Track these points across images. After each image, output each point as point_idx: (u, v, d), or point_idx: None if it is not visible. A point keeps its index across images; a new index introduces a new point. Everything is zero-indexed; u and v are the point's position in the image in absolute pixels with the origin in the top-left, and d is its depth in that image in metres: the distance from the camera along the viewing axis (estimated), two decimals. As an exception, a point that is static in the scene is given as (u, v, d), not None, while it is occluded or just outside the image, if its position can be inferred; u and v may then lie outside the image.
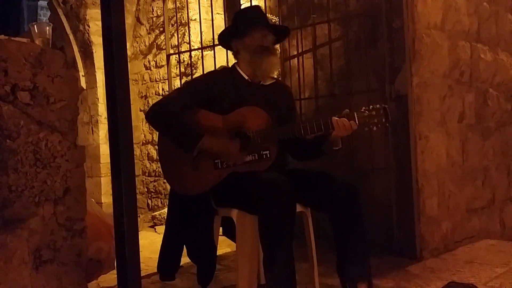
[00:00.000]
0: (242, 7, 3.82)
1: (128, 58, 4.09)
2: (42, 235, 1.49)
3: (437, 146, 2.93)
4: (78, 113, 1.69)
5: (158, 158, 2.23)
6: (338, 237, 2.05)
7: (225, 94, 2.16)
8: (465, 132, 3.19)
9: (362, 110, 2.03)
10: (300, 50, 3.30)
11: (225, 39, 2.30)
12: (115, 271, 1.70)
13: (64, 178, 1.57)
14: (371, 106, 2.03)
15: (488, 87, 3.46)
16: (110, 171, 1.65)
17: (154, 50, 5.42)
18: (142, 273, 1.64)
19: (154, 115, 2.14)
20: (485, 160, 3.38)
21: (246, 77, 2.22)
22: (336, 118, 2.01)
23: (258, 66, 2.17)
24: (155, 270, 2.27)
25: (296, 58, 3.36)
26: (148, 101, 5.48)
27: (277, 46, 3.39)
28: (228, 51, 2.46)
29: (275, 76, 2.46)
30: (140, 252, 1.64)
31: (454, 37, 3.12)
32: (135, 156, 1.74)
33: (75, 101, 1.68)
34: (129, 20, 5.46)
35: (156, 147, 2.26)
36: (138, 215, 2.80)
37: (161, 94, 5.27)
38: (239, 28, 2.22)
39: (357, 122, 2.00)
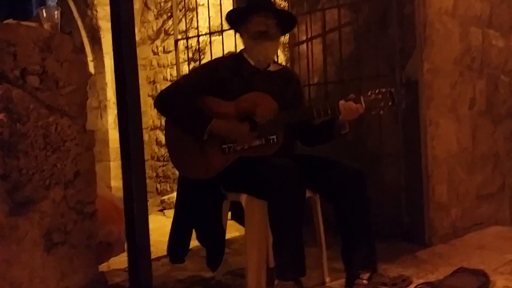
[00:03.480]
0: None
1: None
2: (53, 218, 1.51)
3: (447, 133, 2.91)
4: (87, 97, 1.69)
5: (165, 143, 2.24)
6: (343, 224, 2.06)
7: (232, 81, 2.15)
8: (476, 118, 3.16)
9: (369, 93, 2.03)
10: (309, 36, 3.27)
11: (233, 25, 2.29)
12: (125, 254, 1.72)
13: (74, 162, 1.59)
14: (377, 90, 2.02)
15: (499, 74, 3.41)
16: (119, 156, 1.66)
17: (162, 36, 5.40)
18: (152, 256, 1.66)
19: (162, 102, 2.15)
20: (495, 147, 3.35)
21: (253, 64, 2.21)
22: (342, 101, 2.01)
23: (254, 52, 2.17)
24: (165, 253, 2.29)
25: (305, 44, 3.33)
26: (156, 86, 5.48)
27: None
28: (237, 36, 2.45)
29: (283, 62, 2.45)
30: (150, 235, 1.65)
31: (466, 23, 3.07)
32: (143, 141, 1.75)
33: (84, 85, 1.68)
34: (136, 5, 5.44)
35: (164, 131, 2.26)
36: (147, 199, 2.82)
37: (169, 79, 5.26)
38: (239, 15, 2.21)
39: (363, 105, 2.00)
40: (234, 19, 2.25)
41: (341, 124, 2.08)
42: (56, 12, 1.86)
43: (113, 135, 5.52)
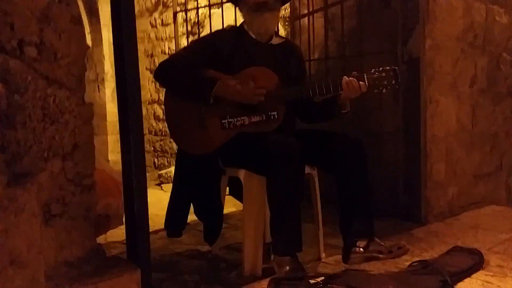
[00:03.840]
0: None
1: (135, 15, 4.01)
2: (51, 190, 1.50)
3: (447, 111, 2.90)
4: (85, 69, 1.67)
5: (164, 117, 2.21)
6: (343, 193, 2.07)
7: (233, 54, 2.12)
8: (476, 97, 3.15)
9: (372, 71, 2.01)
10: (310, 9, 3.22)
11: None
12: (123, 226, 1.73)
13: (73, 134, 1.57)
14: (381, 68, 2.01)
15: (501, 51, 3.38)
16: (116, 129, 1.65)
17: (160, 8, 5.32)
18: (149, 229, 1.67)
19: (163, 73, 2.11)
20: (494, 126, 3.35)
21: (254, 36, 2.18)
22: (345, 78, 1.99)
23: (254, 25, 2.13)
24: (162, 227, 2.31)
25: (306, 18, 3.28)
26: (154, 59, 5.42)
27: (287, 5, 3.33)
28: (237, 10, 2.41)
29: (284, 35, 2.42)
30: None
31: (470, -2, 3.03)
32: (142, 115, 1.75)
33: (82, 57, 1.66)
34: (135, -24, 5.34)
35: (163, 106, 2.24)
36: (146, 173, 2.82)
37: (167, 53, 5.20)
38: None
39: (366, 83, 1.98)
40: None
41: (342, 102, 2.06)
42: (53, -19, 1.81)
43: (111, 109, 5.48)
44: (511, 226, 2.62)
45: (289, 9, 3.51)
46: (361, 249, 2.02)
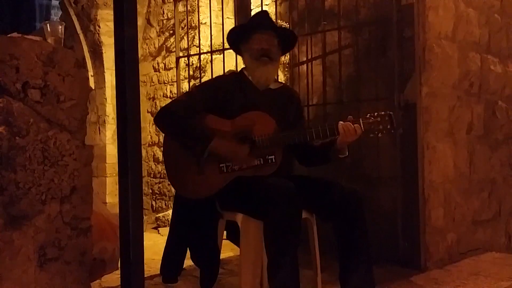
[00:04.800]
0: (252, 12, 3.83)
1: (137, 59, 4.10)
2: (48, 233, 1.49)
3: (445, 157, 2.91)
4: (87, 112, 1.69)
5: (163, 160, 2.23)
6: (341, 245, 2.04)
7: (233, 99, 2.16)
8: (473, 143, 3.18)
9: (368, 116, 2.04)
10: (309, 57, 3.30)
11: (235, 44, 2.31)
12: (118, 272, 1.70)
13: (72, 177, 1.58)
14: (376, 113, 2.04)
15: (497, 99, 3.44)
16: (115, 171, 1.66)
17: (163, 53, 5.44)
18: (145, 274, 1.64)
19: (163, 118, 2.14)
20: (492, 172, 3.36)
21: (254, 82, 2.23)
22: (341, 122, 2.02)
23: (254, 72, 2.19)
24: (158, 272, 2.27)
25: (305, 65, 3.35)
26: (156, 103, 5.49)
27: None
28: (238, 55, 2.47)
29: (283, 81, 2.47)
30: (144, 254, 1.64)
31: (465, 48, 3.11)
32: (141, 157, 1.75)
33: (85, 100, 1.69)
34: (139, 22, 5.49)
35: (162, 149, 2.25)
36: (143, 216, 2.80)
37: (169, 96, 5.28)
38: (245, 31, 2.23)
39: (362, 128, 2.01)
40: (236, 37, 2.27)
41: (340, 148, 2.08)
42: (60, 27, 1.87)
43: (111, 151, 5.50)
44: (511, 273, 2.58)
45: (288, 56, 3.59)
46: None
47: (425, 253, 2.73)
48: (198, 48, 4.03)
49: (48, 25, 1.86)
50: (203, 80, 3.87)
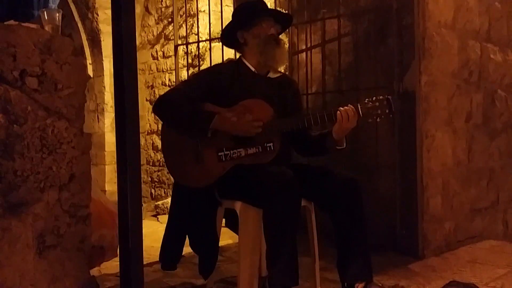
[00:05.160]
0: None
1: (136, 47, 4.09)
2: (46, 220, 1.50)
3: (443, 145, 2.92)
4: (85, 100, 1.69)
5: (161, 150, 2.23)
6: (339, 234, 2.05)
7: (231, 86, 2.15)
8: (472, 132, 3.18)
9: (366, 101, 2.03)
10: (308, 45, 3.29)
11: (230, 33, 2.27)
12: (117, 259, 1.72)
13: (70, 165, 1.58)
14: (374, 98, 2.02)
15: (496, 88, 3.44)
16: (114, 159, 1.66)
17: (162, 40, 5.42)
18: (144, 262, 1.65)
19: (162, 108, 2.13)
20: (490, 161, 3.36)
21: (253, 69, 2.21)
22: (340, 108, 2.01)
23: (271, 56, 2.16)
24: (157, 259, 2.28)
25: (304, 53, 3.34)
26: (154, 91, 5.49)
27: (285, 40, 3.40)
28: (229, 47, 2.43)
29: (282, 70, 2.46)
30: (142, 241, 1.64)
31: (464, 36, 3.10)
32: (140, 146, 1.76)
33: (82, 88, 1.68)
34: (138, 9, 5.45)
35: (160, 139, 2.25)
36: (142, 204, 2.81)
37: (167, 84, 5.27)
38: (245, 19, 2.20)
39: (360, 112, 2.00)
40: (238, 26, 2.23)
41: (337, 138, 2.08)
42: (57, 15, 1.86)
43: (109, 139, 5.51)
44: (508, 261, 2.60)
45: (287, 44, 3.57)
46: None
47: (423, 241, 2.75)
48: (196, 36, 4.02)
49: (45, 13, 1.85)
50: (202, 68, 3.86)
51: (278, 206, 1.88)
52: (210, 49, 3.64)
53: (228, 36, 2.29)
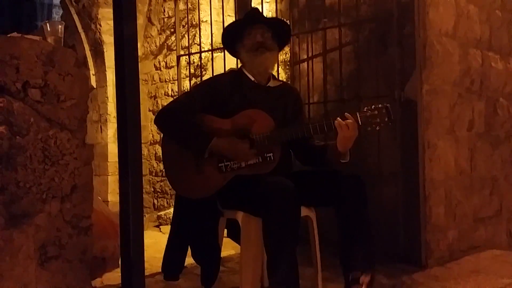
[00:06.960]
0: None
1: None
2: (48, 231, 1.50)
3: (446, 154, 2.91)
4: (87, 111, 1.70)
5: (162, 162, 2.24)
6: (342, 227, 2.04)
7: (232, 97, 2.17)
8: (474, 140, 3.17)
9: (365, 110, 2.04)
10: (310, 54, 3.30)
11: (230, 46, 2.31)
12: (119, 270, 1.71)
13: (72, 176, 1.59)
14: (373, 106, 2.03)
15: (498, 96, 3.44)
16: (117, 170, 1.66)
17: (164, 51, 5.44)
18: (146, 272, 1.65)
19: (163, 119, 2.15)
20: (493, 170, 3.35)
21: (253, 79, 2.23)
22: (338, 119, 2.02)
23: (259, 63, 2.19)
24: (159, 270, 2.28)
25: (305, 62, 3.35)
26: (157, 101, 5.50)
27: (287, 49, 3.42)
28: (235, 57, 2.47)
29: (279, 77, 2.46)
30: (145, 251, 1.65)
31: (465, 44, 3.11)
32: (142, 156, 1.75)
33: (85, 99, 1.69)
34: (140, 20, 5.49)
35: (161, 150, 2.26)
36: (144, 215, 2.81)
37: (170, 94, 5.29)
38: (237, 30, 2.23)
39: (359, 121, 2.00)
40: (231, 38, 2.27)
41: (341, 151, 2.08)
42: (60, 27, 1.88)
43: (112, 149, 5.51)
44: (512, 271, 2.58)
45: (289, 54, 3.59)
46: (364, 286, 1.97)
47: (426, 250, 2.73)
48: (199, 46, 4.04)
49: (47, 24, 1.87)
50: (204, 78, 3.87)
51: (277, 216, 1.88)
52: (212, 59, 3.65)
53: (229, 48, 2.32)
